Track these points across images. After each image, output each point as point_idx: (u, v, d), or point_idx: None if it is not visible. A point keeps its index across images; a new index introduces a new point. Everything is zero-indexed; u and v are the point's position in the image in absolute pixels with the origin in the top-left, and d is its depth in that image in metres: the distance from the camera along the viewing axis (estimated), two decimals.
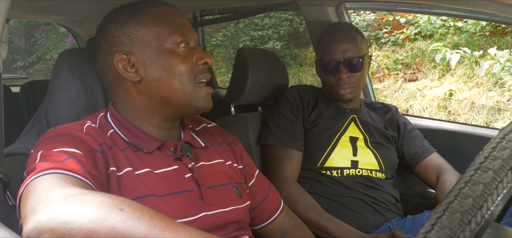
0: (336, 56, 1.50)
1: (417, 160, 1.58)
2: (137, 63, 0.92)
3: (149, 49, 0.92)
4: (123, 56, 0.92)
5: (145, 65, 0.92)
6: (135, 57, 0.92)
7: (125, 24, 0.93)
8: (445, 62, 3.88)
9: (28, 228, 0.62)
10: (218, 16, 2.57)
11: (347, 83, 1.51)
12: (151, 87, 0.93)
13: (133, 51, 0.92)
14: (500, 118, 3.64)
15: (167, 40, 0.93)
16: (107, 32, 0.94)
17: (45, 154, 0.77)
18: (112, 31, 0.94)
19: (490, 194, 0.41)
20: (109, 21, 0.95)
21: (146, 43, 0.92)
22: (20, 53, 7.64)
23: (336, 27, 1.59)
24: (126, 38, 0.93)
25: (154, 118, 0.96)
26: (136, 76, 0.92)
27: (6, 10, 0.83)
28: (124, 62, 0.92)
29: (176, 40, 0.93)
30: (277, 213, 1.16)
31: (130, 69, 0.92)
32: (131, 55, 0.92)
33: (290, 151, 1.48)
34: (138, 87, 0.93)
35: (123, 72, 0.92)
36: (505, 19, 1.72)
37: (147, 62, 0.92)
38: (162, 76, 0.92)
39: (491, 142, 0.44)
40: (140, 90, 0.93)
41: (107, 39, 0.94)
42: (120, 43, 0.93)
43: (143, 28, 0.93)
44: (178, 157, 0.96)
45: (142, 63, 0.92)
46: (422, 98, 4.16)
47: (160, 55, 0.92)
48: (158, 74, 0.92)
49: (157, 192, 0.87)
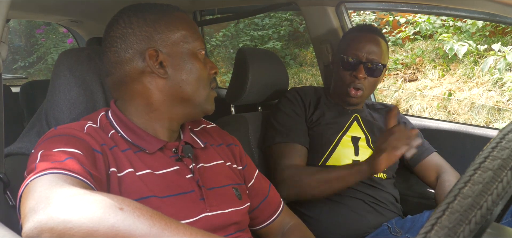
0: (359, 54, 1.50)
1: (416, 159, 1.58)
2: (165, 61, 0.93)
3: (177, 50, 0.94)
4: (153, 51, 0.92)
5: (173, 64, 0.93)
6: (164, 56, 0.93)
7: (156, 21, 0.93)
8: (453, 52, 3.93)
9: (28, 228, 0.62)
10: (218, 16, 2.57)
11: (361, 84, 1.51)
12: (174, 86, 0.94)
13: (162, 49, 0.93)
14: (500, 118, 3.64)
15: (192, 44, 0.96)
16: (134, 25, 0.93)
17: (45, 154, 0.77)
18: (141, 25, 0.93)
19: (490, 194, 0.41)
20: (136, 16, 0.94)
21: (175, 43, 0.94)
22: (20, 53, 7.64)
23: (367, 28, 1.58)
24: (156, 35, 0.93)
25: (164, 118, 0.96)
26: (163, 73, 0.93)
27: (6, 10, 0.83)
28: (153, 58, 0.92)
29: (199, 46, 0.97)
30: (277, 213, 1.16)
31: (157, 66, 0.93)
32: (160, 52, 0.92)
33: (295, 146, 1.48)
34: (160, 84, 0.93)
35: (152, 67, 0.92)
36: (505, 19, 1.72)
37: (174, 62, 0.93)
38: (187, 77, 0.94)
39: (491, 142, 0.44)
40: (162, 87, 0.93)
41: (135, 33, 0.92)
42: (150, 39, 0.92)
43: (173, 29, 0.94)
44: (179, 157, 0.96)
45: (170, 62, 0.93)
46: (422, 98, 4.16)
47: (186, 57, 0.95)
48: (184, 74, 0.94)
49: (158, 194, 0.87)
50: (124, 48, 0.93)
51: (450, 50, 3.93)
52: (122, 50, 0.93)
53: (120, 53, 0.93)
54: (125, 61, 0.93)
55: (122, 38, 0.93)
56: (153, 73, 0.92)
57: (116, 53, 0.93)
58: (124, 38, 0.93)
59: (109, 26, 0.96)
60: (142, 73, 0.93)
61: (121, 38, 0.93)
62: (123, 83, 0.94)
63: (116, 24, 0.94)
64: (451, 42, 3.95)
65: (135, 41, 0.92)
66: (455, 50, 3.90)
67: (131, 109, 0.95)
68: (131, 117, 0.94)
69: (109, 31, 0.95)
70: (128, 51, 0.92)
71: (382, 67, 1.52)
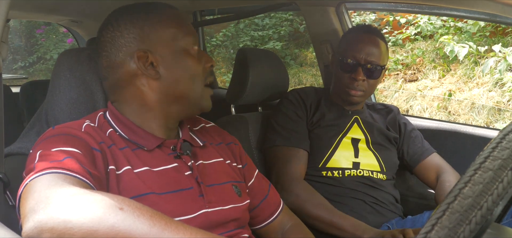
0: (358, 56, 1.48)
1: (416, 160, 1.58)
2: (156, 61, 0.92)
3: (168, 49, 0.93)
4: (142, 53, 0.92)
5: (164, 64, 0.93)
6: (154, 57, 0.92)
7: (143, 22, 0.93)
8: (454, 55, 3.93)
9: (28, 227, 0.62)
10: (218, 16, 2.57)
11: (360, 86, 1.50)
12: (168, 85, 0.93)
13: (151, 49, 0.92)
14: (500, 119, 3.64)
15: (183, 40, 0.95)
16: (122, 28, 0.92)
17: (44, 154, 0.77)
18: (129, 28, 0.92)
19: (490, 194, 0.41)
20: (124, 18, 0.93)
21: (165, 42, 0.93)
22: (20, 53, 7.65)
23: (366, 28, 1.57)
24: (145, 36, 0.92)
25: (160, 117, 0.95)
26: (155, 74, 0.92)
27: (6, 10, 0.83)
28: (143, 60, 0.92)
29: (190, 41, 0.96)
30: (277, 213, 1.16)
31: (148, 67, 0.92)
32: (150, 53, 0.92)
33: (297, 150, 1.47)
34: (153, 85, 0.93)
35: (143, 69, 0.92)
36: (505, 19, 1.72)
37: (166, 61, 0.93)
38: (180, 75, 0.94)
39: (491, 143, 0.44)
40: (155, 87, 0.93)
41: (123, 35, 0.92)
42: (137, 40, 0.92)
43: (161, 28, 0.93)
44: (178, 155, 0.96)
45: (161, 61, 0.93)
46: (422, 99, 4.16)
47: (178, 55, 0.94)
48: (177, 73, 0.94)
49: (157, 190, 0.87)
50: (114, 53, 0.93)
51: (451, 52, 3.93)
52: (112, 54, 0.93)
53: (111, 57, 0.94)
54: (116, 65, 0.93)
55: (111, 42, 0.93)
56: (145, 74, 0.92)
57: (108, 58, 0.94)
58: (114, 42, 0.93)
59: (100, 31, 0.97)
60: (135, 75, 0.92)
61: (111, 42, 0.93)
62: (117, 87, 0.95)
63: (105, 28, 0.95)
64: (451, 44, 3.95)
65: (124, 44, 0.92)
66: (456, 52, 3.89)
67: (128, 110, 0.95)
68: (128, 116, 0.95)
69: (100, 36, 0.96)
70: (118, 55, 0.93)
71: (381, 68, 1.51)
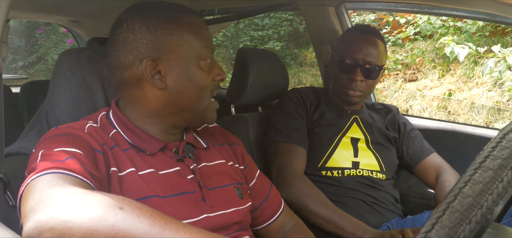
0: (356, 57, 1.48)
1: (416, 160, 1.58)
2: (164, 71, 0.90)
3: (179, 60, 0.91)
4: (151, 61, 0.90)
5: (172, 74, 0.91)
6: (163, 66, 0.90)
7: (159, 30, 0.90)
8: (454, 56, 3.93)
9: (28, 227, 0.62)
10: (218, 16, 2.57)
11: (359, 87, 1.50)
12: (173, 96, 0.92)
13: (162, 58, 0.90)
14: (500, 118, 3.64)
15: (197, 53, 0.93)
16: (136, 31, 0.90)
17: (46, 154, 0.77)
18: (143, 32, 0.90)
19: (491, 194, 0.41)
20: (139, 20, 0.91)
21: (178, 53, 0.91)
22: (20, 53, 7.65)
23: (364, 29, 1.56)
24: (158, 44, 0.90)
25: (162, 123, 0.95)
26: (161, 84, 0.91)
27: (6, 10, 0.83)
28: (151, 68, 0.90)
29: (205, 54, 0.94)
30: (278, 213, 1.16)
31: (155, 76, 0.91)
32: (160, 62, 0.90)
33: (298, 148, 1.47)
34: (157, 94, 0.92)
35: (149, 78, 0.90)
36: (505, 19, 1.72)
37: (175, 72, 0.91)
38: (187, 88, 0.92)
39: (491, 142, 0.44)
40: (159, 96, 0.92)
41: (136, 39, 0.90)
42: (150, 47, 0.90)
43: (177, 38, 0.91)
44: (180, 158, 0.96)
45: (170, 72, 0.91)
46: (422, 98, 4.16)
47: (189, 66, 0.92)
48: (184, 85, 0.92)
49: (160, 193, 0.87)
50: (124, 54, 0.91)
51: (451, 53, 3.92)
52: (122, 55, 0.91)
53: (120, 57, 0.92)
54: (124, 66, 0.92)
55: (123, 43, 0.91)
56: (151, 82, 0.91)
57: (117, 57, 0.92)
58: (125, 43, 0.91)
59: (113, 28, 0.95)
60: (141, 80, 0.91)
61: (123, 43, 0.91)
62: (123, 86, 0.94)
63: (120, 27, 0.92)
64: (451, 45, 3.95)
65: (136, 48, 0.90)
66: (456, 54, 3.89)
67: (131, 111, 0.95)
68: (131, 118, 0.94)
69: (113, 34, 0.94)
70: (128, 57, 0.91)
71: (380, 69, 1.51)
